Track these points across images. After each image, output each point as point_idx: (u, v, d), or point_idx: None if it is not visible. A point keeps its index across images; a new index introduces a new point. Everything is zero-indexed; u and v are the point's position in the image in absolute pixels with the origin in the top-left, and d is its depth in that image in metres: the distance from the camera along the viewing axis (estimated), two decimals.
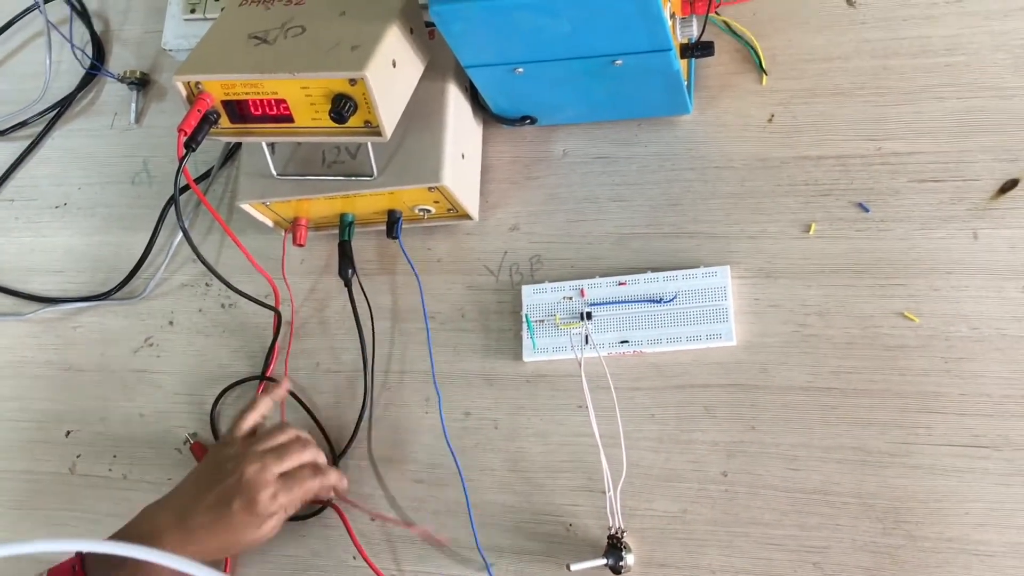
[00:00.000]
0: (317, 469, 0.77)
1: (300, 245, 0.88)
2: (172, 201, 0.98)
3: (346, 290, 0.88)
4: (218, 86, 0.74)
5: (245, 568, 0.83)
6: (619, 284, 0.81)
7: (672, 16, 0.75)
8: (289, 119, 0.75)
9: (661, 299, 0.79)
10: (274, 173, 0.83)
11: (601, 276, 0.82)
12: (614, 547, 0.73)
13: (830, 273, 0.77)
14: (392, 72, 0.73)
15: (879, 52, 0.82)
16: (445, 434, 0.81)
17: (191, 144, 0.73)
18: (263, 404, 0.81)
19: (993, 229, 0.74)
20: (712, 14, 0.83)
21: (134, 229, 1.00)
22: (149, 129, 1.04)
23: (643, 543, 0.74)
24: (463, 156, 0.84)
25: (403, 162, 0.81)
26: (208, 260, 0.82)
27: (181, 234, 0.96)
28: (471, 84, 0.84)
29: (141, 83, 1.05)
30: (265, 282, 0.89)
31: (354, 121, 0.73)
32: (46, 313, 1.00)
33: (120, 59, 1.09)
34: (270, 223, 0.90)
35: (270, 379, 0.88)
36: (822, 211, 0.79)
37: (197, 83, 0.74)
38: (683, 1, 0.77)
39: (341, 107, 0.71)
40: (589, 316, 0.80)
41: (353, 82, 0.70)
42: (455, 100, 0.83)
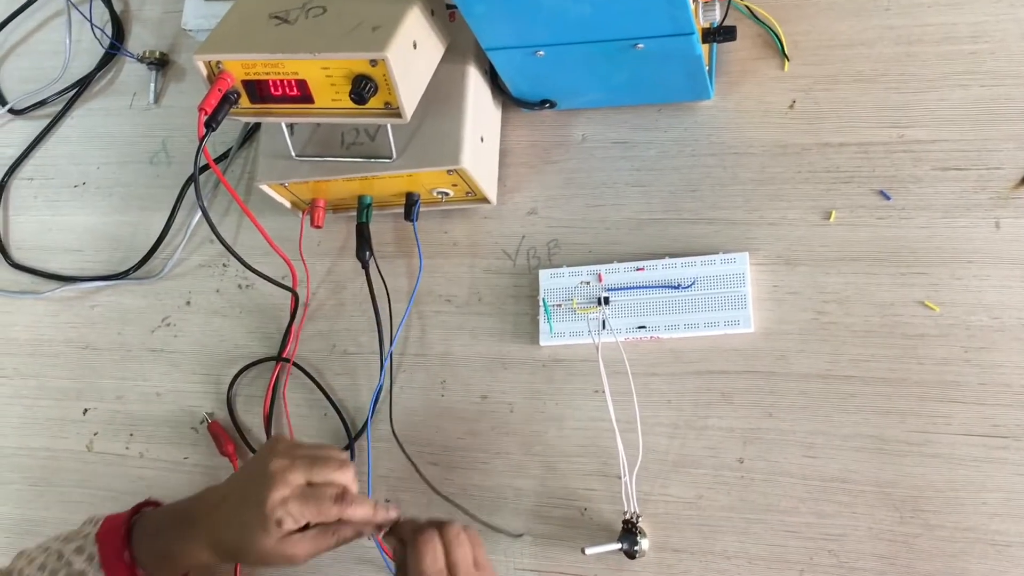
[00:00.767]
0: (345, 495, 0.69)
1: (318, 227, 0.88)
2: (191, 181, 0.98)
3: (363, 272, 0.88)
4: (238, 66, 0.74)
5: None
6: (637, 269, 0.80)
7: (695, 0, 0.74)
8: (309, 100, 0.75)
9: (679, 285, 0.79)
10: (293, 154, 0.83)
11: (619, 261, 0.81)
12: (629, 532, 0.73)
13: (850, 261, 0.76)
14: (413, 54, 0.73)
15: (903, 39, 0.81)
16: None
17: (211, 123, 0.73)
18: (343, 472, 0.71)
19: (1016, 218, 0.74)
20: None
21: (152, 209, 1.00)
22: (168, 109, 1.05)
23: (657, 528, 0.74)
24: (482, 139, 0.84)
25: (422, 144, 0.81)
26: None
27: (199, 214, 0.97)
28: (491, 67, 0.84)
29: (160, 63, 1.05)
30: (282, 263, 0.89)
31: (374, 102, 0.73)
32: (64, 292, 1.00)
33: (139, 39, 1.09)
34: (288, 204, 0.90)
35: (285, 360, 0.89)
36: (843, 198, 0.78)
37: (218, 62, 0.74)
38: None
39: (362, 88, 0.71)
40: (606, 301, 0.80)
41: (374, 63, 0.70)
42: (475, 83, 0.83)
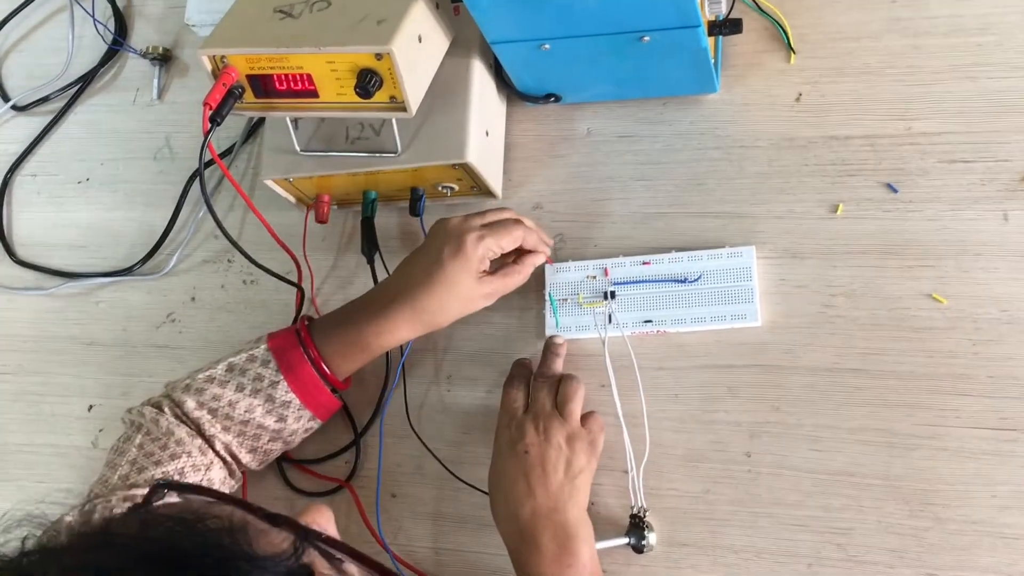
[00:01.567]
0: (521, 223, 0.79)
1: (322, 222, 0.88)
2: (195, 176, 0.98)
3: (368, 267, 0.88)
4: (243, 60, 0.73)
5: None
6: (643, 264, 0.80)
7: None
8: (314, 94, 0.75)
9: (686, 279, 0.79)
10: (297, 149, 0.83)
11: (625, 255, 0.81)
12: (636, 526, 0.73)
13: (857, 254, 0.76)
14: (418, 47, 0.73)
15: (909, 31, 0.81)
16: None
17: (216, 118, 0.73)
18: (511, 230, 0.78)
19: None
20: None
21: (156, 205, 1.00)
22: (171, 105, 1.04)
23: (664, 523, 0.74)
24: (487, 133, 0.83)
25: (427, 139, 0.81)
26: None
27: (203, 210, 0.97)
28: (496, 61, 0.84)
29: (164, 59, 1.05)
30: (286, 259, 0.88)
31: (379, 96, 0.73)
32: (69, 288, 1.00)
33: (142, 34, 1.09)
34: (292, 200, 0.89)
35: None
36: (850, 191, 0.78)
37: (222, 57, 0.74)
38: None
39: (367, 82, 0.71)
40: (613, 295, 0.80)
41: (379, 57, 0.70)
42: (480, 77, 0.83)
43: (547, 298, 0.82)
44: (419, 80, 0.74)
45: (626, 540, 0.73)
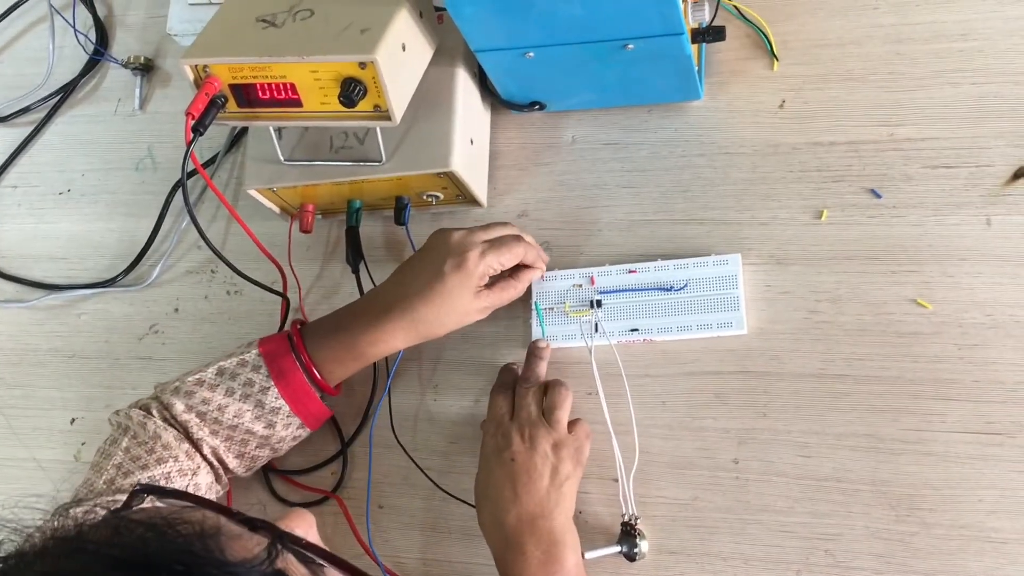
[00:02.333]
0: (519, 236, 0.79)
1: (307, 232, 0.88)
2: (177, 186, 0.98)
3: (354, 277, 0.87)
4: (226, 70, 0.73)
5: None
6: (629, 272, 0.80)
7: (684, 0, 0.74)
8: (297, 103, 0.74)
9: (672, 287, 0.79)
10: (281, 158, 0.82)
11: (611, 264, 0.81)
12: (628, 534, 0.73)
13: (842, 260, 0.76)
14: (402, 56, 0.73)
15: (892, 37, 0.81)
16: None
17: (199, 128, 0.73)
18: (515, 247, 0.78)
19: (1007, 215, 0.74)
20: None
21: (138, 216, 0.99)
22: (153, 115, 1.04)
23: (653, 530, 0.74)
24: (472, 142, 0.83)
25: (412, 147, 0.80)
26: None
27: (186, 221, 0.96)
28: (480, 69, 0.84)
29: (145, 69, 1.04)
30: (271, 269, 0.88)
31: (363, 105, 0.72)
32: (50, 300, 0.99)
33: (124, 44, 1.08)
34: (276, 210, 0.89)
35: None
36: (834, 197, 0.78)
37: (205, 67, 0.73)
38: None
39: (351, 91, 0.71)
40: (599, 304, 0.80)
41: (363, 65, 0.70)
42: (464, 85, 0.83)
43: (533, 307, 0.81)
44: (403, 89, 0.74)
45: (618, 548, 0.73)
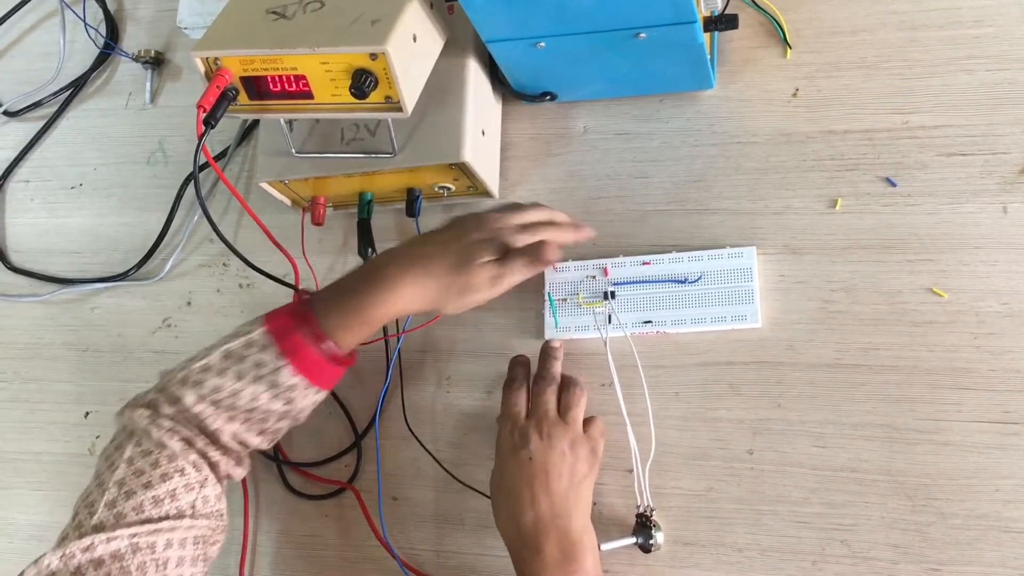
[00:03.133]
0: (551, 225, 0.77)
1: (319, 224, 0.88)
2: (189, 180, 0.98)
3: None
4: (237, 62, 0.73)
5: (263, 546, 0.84)
6: (643, 264, 0.80)
7: None
8: (308, 95, 0.74)
9: (686, 279, 0.78)
10: (293, 151, 0.82)
11: (624, 255, 0.81)
12: (644, 525, 0.73)
13: (857, 249, 0.76)
14: (413, 47, 0.73)
15: (906, 24, 0.80)
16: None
17: (210, 121, 0.72)
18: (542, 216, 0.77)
19: (1023, 203, 0.73)
20: None
21: (150, 209, 0.99)
22: (164, 109, 1.04)
23: (668, 521, 0.74)
24: (483, 133, 0.83)
25: (423, 139, 0.80)
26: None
27: (198, 214, 0.96)
28: (491, 60, 0.83)
29: (156, 62, 1.04)
30: (283, 261, 0.88)
31: (375, 97, 0.72)
32: (63, 294, 0.99)
33: (134, 38, 1.08)
34: (288, 202, 0.89)
35: None
36: (848, 186, 0.78)
37: (216, 59, 0.73)
38: None
39: (362, 82, 0.70)
40: (612, 295, 0.79)
41: (374, 57, 0.69)
42: (475, 76, 0.82)
43: (546, 298, 0.81)
44: (414, 80, 0.73)
45: (633, 540, 0.73)
